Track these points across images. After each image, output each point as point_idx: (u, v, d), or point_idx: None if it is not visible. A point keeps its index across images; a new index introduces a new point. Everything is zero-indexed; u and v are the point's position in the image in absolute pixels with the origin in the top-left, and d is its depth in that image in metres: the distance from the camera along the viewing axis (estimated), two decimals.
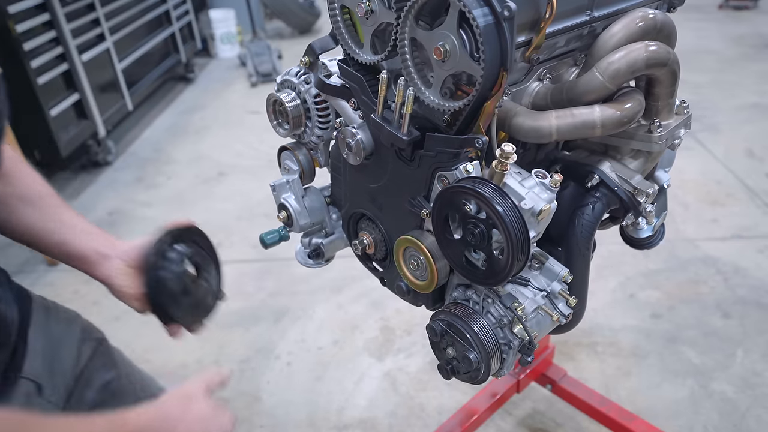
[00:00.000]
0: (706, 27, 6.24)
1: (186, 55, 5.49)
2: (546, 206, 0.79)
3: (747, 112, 4.31)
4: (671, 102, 0.93)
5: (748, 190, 3.36)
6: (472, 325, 0.88)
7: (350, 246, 1.11)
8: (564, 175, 0.88)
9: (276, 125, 1.08)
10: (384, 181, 0.94)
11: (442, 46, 0.74)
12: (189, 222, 1.00)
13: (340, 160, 1.02)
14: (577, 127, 0.84)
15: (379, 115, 0.87)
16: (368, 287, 2.67)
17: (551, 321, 0.91)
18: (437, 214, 0.83)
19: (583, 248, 0.98)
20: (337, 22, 0.89)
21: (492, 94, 0.75)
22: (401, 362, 2.32)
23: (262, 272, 2.87)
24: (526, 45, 0.78)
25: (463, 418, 1.81)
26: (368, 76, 0.90)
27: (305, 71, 1.03)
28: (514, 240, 0.74)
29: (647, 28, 0.85)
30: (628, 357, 2.30)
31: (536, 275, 0.92)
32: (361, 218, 1.05)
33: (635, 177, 0.98)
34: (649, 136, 0.93)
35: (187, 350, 2.38)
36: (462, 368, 0.91)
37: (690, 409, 2.07)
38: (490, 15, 0.70)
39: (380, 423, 2.08)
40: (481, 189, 0.75)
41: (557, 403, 2.07)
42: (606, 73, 0.82)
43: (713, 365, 2.23)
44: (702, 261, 2.80)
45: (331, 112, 1.03)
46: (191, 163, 4.06)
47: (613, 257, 2.79)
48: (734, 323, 2.43)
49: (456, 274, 0.94)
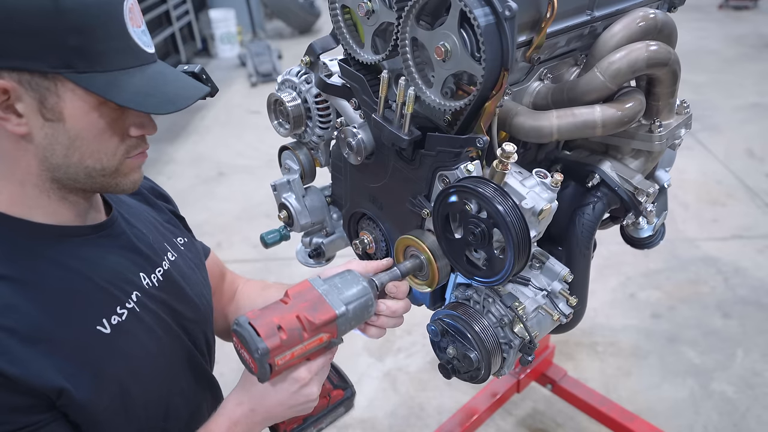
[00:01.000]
0: (706, 27, 6.24)
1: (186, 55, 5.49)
2: (547, 206, 0.79)
3: (747, 112, 4.31)
4: (672, 102, 0.93)
5: (748, 190, 3.36)
6: (473, 324, 0.88)
7: (351, 245, 1.11)
8: (565, 175, 0.88)
9: (277, 125, 1.08)
10: (385, 180, 0.94)
11: (443, 45, 0.74)
12: None
13: (341, 160, 1.02)
14: (578, 126, 0.84)
15: (380, 114, 0.87)
16: None
17: (552, 320, 0.91)
18: (438, 214, 0.83)
19: (584, 248, 0.98)
20: (338, 22, 0.89)
21: (493, 94, 0.75)
22: (401, 362, 2.32)
23: (262, 272, 2.87)
24: (527, 45, 0.78)
25: (463, 417, 1.81)
26: (369, 75, 0.90)
27: (306, 71, 1.03)
28: (515, 239, 0.74)
29: (648, 28, 0.85)
30: (628, 357, 2.30)
31: (537, 275, 0.92)
32: (361, 218, 1.05)
33: (636, 177, 0.98)
34: (650, 136, 0.93)
35: None
36: (463, 368, 0.91)
37: (690, 409, 2.07)
38: (491, 15, 0.70)
39: (380, 423, 2.08)
40: (482, 188, 0.75)
41: (557, 402, 2.07)
42: (607, 73, 0.82)
43: (713, 365, 2.24)
44: (702, 261, 2.80)
45: (331, 112, 1.03)
46: (191, 163, 4.06)
47: (613, 257, 2.79)
48: (734, 323, 2.43)
49: (457, 273, 0.94)
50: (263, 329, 0.77)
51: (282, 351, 0.78)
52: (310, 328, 0.79)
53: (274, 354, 0.77)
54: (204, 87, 0.81)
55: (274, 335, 0.77)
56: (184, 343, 0.96)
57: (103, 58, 0.72)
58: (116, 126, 0.78)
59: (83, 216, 0.86)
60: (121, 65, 0.74)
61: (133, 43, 0.75)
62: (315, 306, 0.81)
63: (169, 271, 0.96)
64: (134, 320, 0.86)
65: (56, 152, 0.76)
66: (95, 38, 0.71)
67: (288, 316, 0.79)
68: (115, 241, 0.89)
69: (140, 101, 0.74)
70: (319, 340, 0.81)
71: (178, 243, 1.04)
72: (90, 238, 0.85)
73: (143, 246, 0.93)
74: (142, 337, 0.87)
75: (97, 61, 0.72)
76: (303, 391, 0.84)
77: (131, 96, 0.73)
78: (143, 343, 0.86)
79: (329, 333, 0.82)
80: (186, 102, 0.77)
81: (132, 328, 0.85)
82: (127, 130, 0.79)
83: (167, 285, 0.94)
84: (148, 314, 0.88)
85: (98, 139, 0.77)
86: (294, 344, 0.79)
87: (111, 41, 0.73)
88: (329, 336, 0.82)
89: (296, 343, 0.79)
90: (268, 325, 0.78)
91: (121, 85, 0.73)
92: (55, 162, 0.77)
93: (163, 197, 1.12)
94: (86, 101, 0.73)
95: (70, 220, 0.84)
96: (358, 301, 0.84)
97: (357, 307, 0.84)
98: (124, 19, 0.73)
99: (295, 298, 0.82)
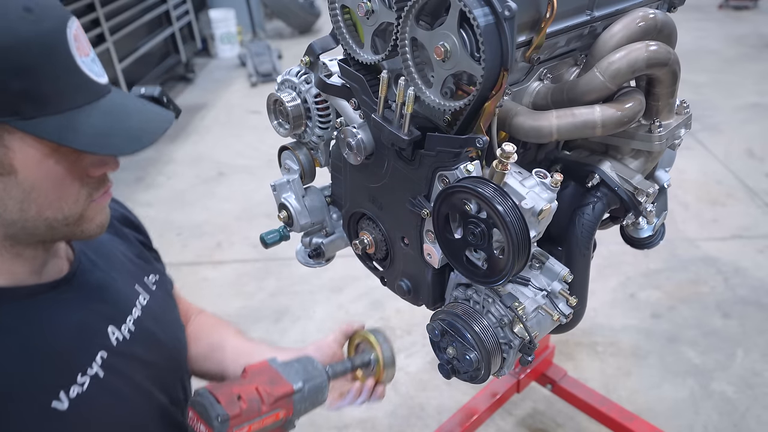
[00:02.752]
0: (706, 27, 6.24)
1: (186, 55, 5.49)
2: (546, 206, 0.79)
3: (747, 112, 4.31)
4: (672, 102, 0.93)
5: (748, 190, 3.36)
6: (473, 324, 0.88)
7: (351, 246, 1.11)
8: (564, 175, 0.88)
9: (276, 125, 1.08)
10: (384, 180, 0.94)
11: (442, 45, 0.74)
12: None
13: (341, 160, 1.02)
14: (578, 126, 0.84)
15: (379, 114, 0.87)
16: (368, 287, 2.67)
17: (552, 320, 0.91)
18: (438, 214, 0.83)
19: (584, 248, 0.98)
20: (338, 22, 0.89)
21: (492, 94, 0.75)
22: (401, 362, 2.32)
23: (262, 272, 2.87)
24: (526, 45, 0.78)
25: (463, 417, 1.81)
26: (369, 75, 0.90)
27: (306, 71, 1.03)
28: (514, 239, 0.74)
29: (648, 28, 0.85)
30: (628, 357, 2.30)
31: (537, 275, 0.92)
32: (361, 218, 1.05)
33: (636, 177, 0.98)
34: (650, 136, 0.93)
35: None
36: (462, 368, 0.91)
37: (690, 409, 2.07)
38: (490, 15, 0.70)
39: (380, 423, 2.08)
40: (481, 189, 0.75)
41: (557, 402, 2.07)
42: (606, 73, 0.82)
43: (713, 365, 2.24)
44: (702, 261, 2.80)
45: (331, 112, 1.03)
46: (191, 163, 4.06)
47: (613, 257, 2.79)
48: (734, 323, 2.43)
49: (456, 274, 0.94)
50: (223, 398, 0.79)
51: (240, 422, 0.80)
52: (269, 400, 0.83)
53: (233, 423, 0.79)
54: (168, 114, 0.75)
55: (234, 404, 0.80)
56: (156, 401, 0.88)
57: (53, 99, 0.64)
58: (75, 170, 0.70)
59: (39, 272, 0.77)
60: (74, 104, 0.66)
61: (85, 76, 0.67)
62: (273, 380, 0.86)
63: (140, 319, 0.88)
64: (98, 388, 0.77)
65: (9, 207, 0.67)
66: (40, 78, 0.63)
67: (247, 388, 0.83)
68: (79, 293, 0.80)
69: (102, 143, 0.66)
70: (275, 416, 0.84)
71: (150, 282, 0.97)
72: (49, 296, 0.77)
73: (112, 293, 0.85)
74: (108, 406, 0.78)
75: (46, 103, 0.64)
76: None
77: (91, 139, 0.65)
78: (109, 413, 0.78)
79: (285, 410, 0.85)
80: (152, 137, 0.70)
81: (96, 396, 0.76)
82: (87, 171, 0.71)
83: (140, 335, 0.86)
84: (114, 377, 0.80)
85: (57, 187, 0.69)
86: (252, 416, 0.81)
87: (59, 79, 0.64)
88: (285, 413, 0.85)
89: (254, 416, 0.81)
90: (228, 395, 0.80)
91: (77, 126, 0.65)
92: (9, 218, 0.68)
93: (134, 226, 1.04)
94: (38, 149, 0.65)
95: (24, 279, 0.75)
96: (313, 382, 0.89)
97: (312, 387, 0.89)
98: (70, 51, 0.65)
99: (253, 374, 0.86)
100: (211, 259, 2.92)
